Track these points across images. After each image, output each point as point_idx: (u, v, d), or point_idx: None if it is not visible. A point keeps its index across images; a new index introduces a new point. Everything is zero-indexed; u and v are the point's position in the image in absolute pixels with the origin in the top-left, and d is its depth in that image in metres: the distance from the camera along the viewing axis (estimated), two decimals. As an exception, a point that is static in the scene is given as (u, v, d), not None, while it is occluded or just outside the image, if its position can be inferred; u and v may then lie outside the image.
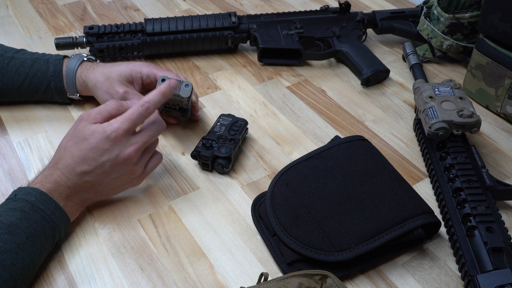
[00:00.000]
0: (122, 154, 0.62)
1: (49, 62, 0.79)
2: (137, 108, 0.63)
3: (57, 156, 0.63)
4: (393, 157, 0.76)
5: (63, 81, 0.79)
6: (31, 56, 0.80)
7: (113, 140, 0.61)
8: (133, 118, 0.62)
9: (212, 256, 0.62)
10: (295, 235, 0.59)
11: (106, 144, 0.61)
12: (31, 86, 0.79)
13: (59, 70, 0.78)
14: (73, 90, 0.80)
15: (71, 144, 0.62)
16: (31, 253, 0.56)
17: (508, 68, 0.77)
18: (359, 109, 0.85)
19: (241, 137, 0.75)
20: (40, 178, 0.61)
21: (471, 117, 0.69)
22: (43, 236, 0.57)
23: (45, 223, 0.58)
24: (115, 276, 0.59)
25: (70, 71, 0.78)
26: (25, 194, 0.58)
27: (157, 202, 0.68)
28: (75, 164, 0.61)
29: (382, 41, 1.04)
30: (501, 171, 0.74)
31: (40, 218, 0.57)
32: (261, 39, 0.93)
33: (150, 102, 0.64)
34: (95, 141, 0.61)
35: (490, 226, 0.59)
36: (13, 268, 0.53)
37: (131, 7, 1.14)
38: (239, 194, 0.70)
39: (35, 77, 0.78)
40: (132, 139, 0.63)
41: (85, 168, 0.61)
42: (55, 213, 0.59)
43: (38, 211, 0.58)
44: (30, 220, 0.57)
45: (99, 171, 0.62)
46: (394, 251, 0.62)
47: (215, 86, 0.90)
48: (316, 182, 0.64)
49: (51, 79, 0.78)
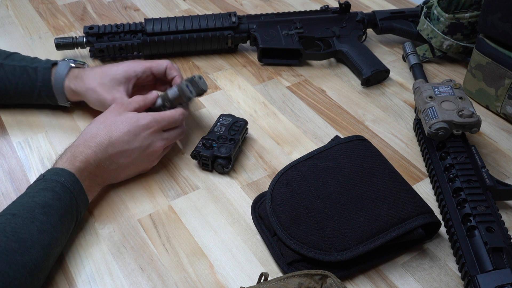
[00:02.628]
0: (152, 146, 0.68)
1: (37, 72, 0.76)
2: (178, 114, 0.70)
3: (87, 135, 0.65)
4: (393, 157, 0.76)
5: (53, 91, 0.77)
6: (20, 63, 0.77)
7: (151, 130, 0.67)
8: (172, 120, 0.70)
9: (212, 256, 0.62)
10: (295, 235, 0.59)
11: (143, 132, 0.67)
12: (24, 93, 0.78)
13: (48, 80, 0.76)
14: (64, 100, 0.78)
15: (105, 125, 0.66)
16: (61, 233, 0.58)
17: (508, 68, 0.77)
18: (359, 109, 0.86)
19: (241, 137, 0.75)
20: (69, 156, 0.62)
21: (471, 117, 0.69)
22: (70, 216, 0.59)
23: (72, 204, 0.59)
24: (115, 276, 0.59)
25: (58, 82, 0.76)
26: (54, 175, 0.60)
27: (157, 202, 0.68)
28: (109, 144, 0.64)
29: (382, 41, 1.04)
30: (501, 171, 0.74)
31: (69, 199, 0.59)
32: (261, 39, 0.93)
33: (185, 114, 0.73)
34: (135, 127, 0.66)
35: (490, 226, 0.59)
36: (49, 248, 0.55)
37: (131, 7, 1.14)
38: (239, 194, 0.70)
39: (25, 86, 0.77)
40: (164, 135, 0.70)
41: (118, 149, 0.65)
42: (79, 195, 0.61)
43: (67, 192, 0.59)
44: (62, 201, 0.58)
45: (126, 156, 0.66)
46: (394, 251, 0.62)
47: (215, 86, 0.90)
48: (316, 182, 0.64)
49: (41, 89, 0.77)
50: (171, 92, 0.73)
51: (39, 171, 0.72)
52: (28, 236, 0.53)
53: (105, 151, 0.64)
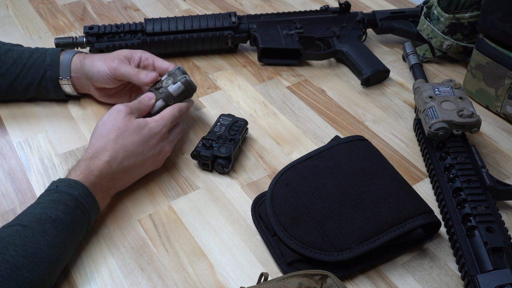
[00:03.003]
0: (163, 151, 0.69)
1: (46, 53, 0.79)
2: (176, 111, 0.71)
3: (100, 145, 0.64)
4: (393, 157, 0.76)
5: (59, 70, 0.78)
6: (29, 48, 0.80)
7: (161, 136, 0.68)
8: (173, 119, 0.70)
9: (212, 256, 0.62)
10: (295, 235, 0.59)
11: (154, 139, 0.67)
12: (27, 77, 0.78)
13: (56, 60, 0.78)
14: (67, 74, 0.78)
15: (116, 135, 0.64)
16: (70, 248, 0.58)
17: (508, 68, 0.77)
18: (359, 109, 0.86)
19: (241, 137, 0.75)
20: (84, 168, 0.61)
21: (471, 117, 0.69)
22: (79, 230, 0.59)
23: (84, 218, 0.59)
24: (115, 276, 0.59)
25: (66, 58, 0.78)
26: (67, 186, 0.59)
27: (157, 202, 0.68)
28: (124, 158, 0.64)
29: (382, 41, 1.04)
30: (501, 171, 0.74)
31: (81, 213, 0.59)
32: (261, 39, 0.93)
33: (182, 109, 0.72)
34: (147, 136, 0.66)
35: (490, 226, 0.59)
36: (57, 263, 0.55)
37: (131, 7, 1.14)
38: (239, 194, 0.70)
39: (32, 67, 0.78)
40: (170, 136, 0.71)
41: (133, 161, 0.65)
42: (92, 208, 0.60)
43: (79, 206, 0.58)
44: (73, 215, 0.58)
45: (140, 165, 0.66)
46: (394, 251, 0.62)
47: (215, 86, 0.90)
48: (316, 182, 0.64)
49: (47, 68, 0.78)
50: (173, 89, 0.73)
51: (39, 171, 0.72)
52: (38, 251, 0.53)
53: (120, 164, 0.64)
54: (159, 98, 0.73)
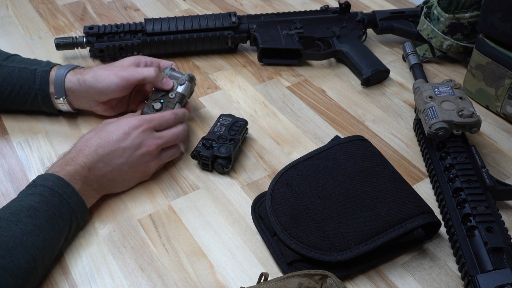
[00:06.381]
0: (144, 145, 0.67)
1: (35, 74, 0.75)
2: (169, 114, 0.71)
3: (81, 142, 0.66)
4: (393, 157, 0.76)
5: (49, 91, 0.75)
6: (19, 64, 0.76)
7: (141, 129, 0.67)
8: (163, 119, 0.70)
9: (212, 256, 0.62)
10: (295, 235, 0.59)
11: (133, 131, 0.66)
12: (19, 97, 0.76)
13: (46, 81, 0.75)
14: (61, 93, 0.75)
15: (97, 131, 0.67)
16: (50, 235, 0.57)
17: (508, 68, 0.77)
18: (359, 109, 0.86)
19: (241, 137, 0.75)
20: (61, 162, 0.63)
21: (471, 117, 0.69)
22: (60, 219, 0.59)
23: (63, 207, 0.59)
24: (115, 276, 0.59)
25: (59, 77, 0.75)
26: (43, 180, 0.60)
27: (157, 202, 0.68)
28: (99, 146, 0.64)
29: (382, 41, 1.04)
30: (501, 171, 0.74)
31: (58, 202, 0.59)
32: (261, 39, 0.93)
33: (178, 113, 0.72)
34: (123, 126, 0.66)
35: (490, 226, 0.59)
36: (33, 249, 0.55)
37: (131, 7, 1.14)
38: (239, 194, 0.70)
39: (22, 89, 0.75)
40: (157, 134, 0.69)
41: (107, 149, 0.64)
42: (72, 198, 0.60)
43: (56, 195, 0.59)
44: (49, 204, 0.58)
45: (118, 156, 0.65)
46: (394, 251, 0.62)
47: (215, 86, 0.90)
48: (316, 182, 0.64)
49: (38, 92, 0.75)
50: (183, 89, 0.76)
51: (39, 171, 0.72)
52: (11, 238, 0.53)
53: (95, 153, 0.64)
54: (176, 103, 0.75)
